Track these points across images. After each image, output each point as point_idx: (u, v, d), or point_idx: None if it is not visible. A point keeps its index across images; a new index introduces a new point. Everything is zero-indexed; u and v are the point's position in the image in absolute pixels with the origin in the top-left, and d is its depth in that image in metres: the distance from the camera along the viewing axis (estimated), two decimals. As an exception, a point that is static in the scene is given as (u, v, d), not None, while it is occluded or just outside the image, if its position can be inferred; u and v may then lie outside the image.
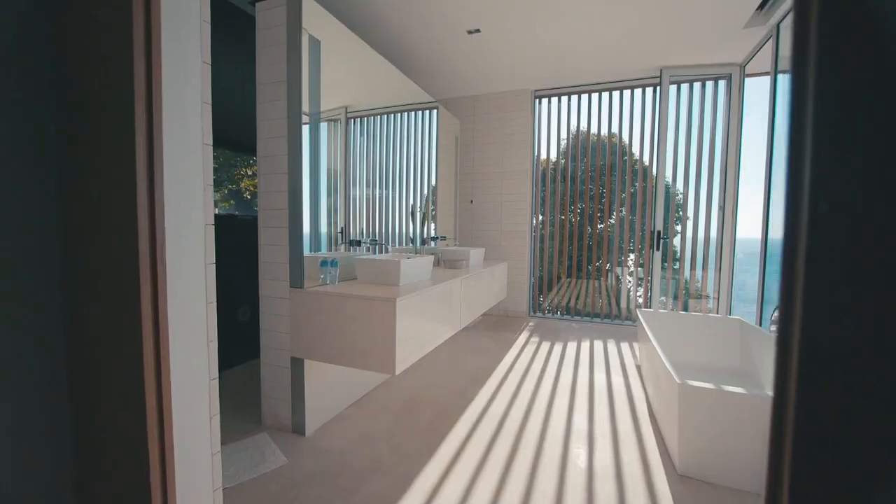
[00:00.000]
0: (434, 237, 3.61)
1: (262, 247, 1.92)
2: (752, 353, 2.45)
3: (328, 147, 2.16)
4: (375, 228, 2.75)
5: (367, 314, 1.70)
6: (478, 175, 4.48)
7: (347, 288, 1.89)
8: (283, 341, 1.89)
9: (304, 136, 1.87)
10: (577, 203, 4.58)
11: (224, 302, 2.68)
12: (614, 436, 1.91)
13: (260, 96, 1.89)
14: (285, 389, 1.90)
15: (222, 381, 2.51)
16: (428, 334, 2.03)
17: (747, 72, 3.42)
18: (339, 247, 2.28)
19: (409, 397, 2.32)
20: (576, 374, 2.68)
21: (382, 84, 2.74)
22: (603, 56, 3.36)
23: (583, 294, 4.56)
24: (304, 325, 1.83)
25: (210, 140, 0.95)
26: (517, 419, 2.07)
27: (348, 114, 2.36)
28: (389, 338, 1.66)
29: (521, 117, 4.24)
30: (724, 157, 3.59)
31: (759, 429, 1.41)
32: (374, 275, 2.06)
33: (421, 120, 3.44)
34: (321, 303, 1.79)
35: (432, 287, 2.07)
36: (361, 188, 2.53)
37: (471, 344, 3.39)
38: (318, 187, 2.07)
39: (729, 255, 3.52)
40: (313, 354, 1.82)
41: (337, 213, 2.26)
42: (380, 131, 2.75)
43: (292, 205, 1.83)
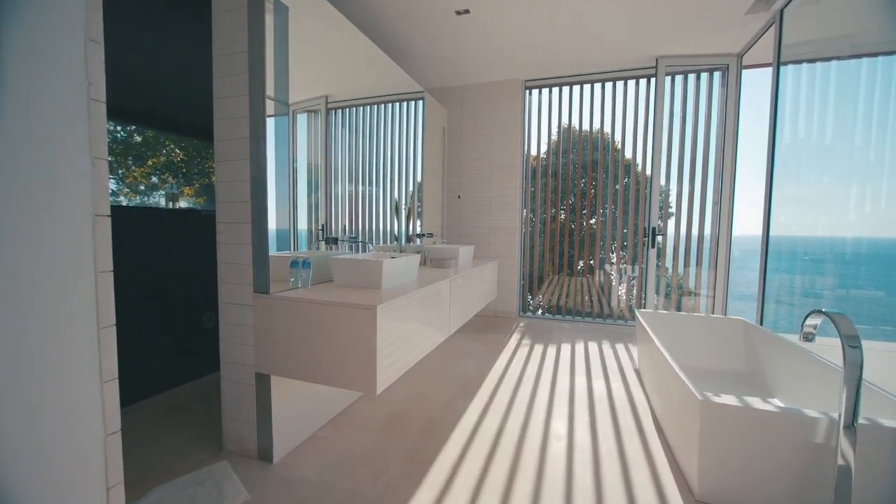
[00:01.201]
0: (420, 234, 3.38)
1: (220, 245, 1.66)
2: (758, 355, 2.31)
3: (307, 140, 1.96)
4: (358, 225, 2.53)
5: (344, 323, 1.47)
6: (466, 169, 4.26)
7: (321, 293, 1.65)
8: (247, 355, 1.64)
9: (269, 118, 1.63)
10: (567, 199, 4.42)
11: (187, 307, 2.41)
12: (621, 454, 1.72)
13: (217, 70, 1.62)
14: (249, 410, 1.65)
15: (183, 395, 2.23)
16: (414, 344, 1.80)
17: (744, 63, 3.29)
18: (317, 245, 2.03)
19: (392, 411, 2.09)
20: (573, 381, 2.50)
21: (365, 70, 2.50)
22: (597, 43, 3.18)
23: (573, 293, 4.41)
24: (270, 336, 1.59)
25: (103, 95, 0.69)
26: (514, 435, 1.87)
27: (329, 104, 2.15)
28: (369, 351, 1.43)
29: (512, 108, 4.04)
30: (719, 151, 3.47)
31: (794, 450, 1.24)
32: (353, 277, 1.82)
33: (406, 111, 3.22)
34: (290, 310, 1.54)
35: (419, 290, 1.84)
36: (344, 183, 2.32)
37: (459, 348, 3.18)
38: (296, 182, 1.86)
39: (725, 251, 3.41)
40: (281, 370, 1.58)
41: (318, 210, 2.07)
42: (363, 123, 2.54)
43: (256, 197, 1.57)
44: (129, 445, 1.80)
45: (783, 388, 2.05)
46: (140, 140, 2.65)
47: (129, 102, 2.29)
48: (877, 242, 3.04)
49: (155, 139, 2.71)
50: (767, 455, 1.27)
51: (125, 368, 2.16)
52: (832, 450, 1.20)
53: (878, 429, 1.16)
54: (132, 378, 2.12)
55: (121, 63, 2.11)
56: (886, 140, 2.67)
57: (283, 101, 1.71)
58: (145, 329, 2.18)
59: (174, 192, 2.62)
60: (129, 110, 2.33)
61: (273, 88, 1.63)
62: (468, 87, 4.18)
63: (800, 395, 1.92)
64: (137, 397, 2.16)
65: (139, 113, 2.39)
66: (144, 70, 2.25)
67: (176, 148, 2.85)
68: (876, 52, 2.63)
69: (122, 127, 2.53)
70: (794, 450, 1.24)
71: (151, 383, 2.23)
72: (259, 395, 1.63)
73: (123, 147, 2.57)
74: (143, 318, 2.17)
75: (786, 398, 2.00)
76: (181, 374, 2.38)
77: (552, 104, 4.15)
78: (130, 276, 2.11)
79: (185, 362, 2.39)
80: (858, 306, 3.70)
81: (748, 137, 3.42)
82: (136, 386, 2.15)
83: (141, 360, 2.16)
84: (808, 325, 1.27)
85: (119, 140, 2.59)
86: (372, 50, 2.53)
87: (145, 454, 1.70)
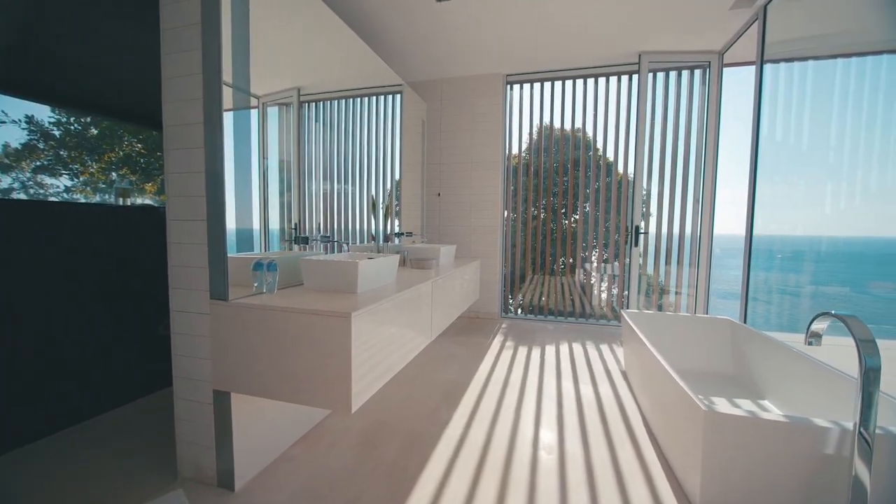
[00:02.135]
0: (399, 233, 3.22)
1: (171, 246, 1.46)
2: (745, 356, 2.28)
3: (279, 134, 1.82)
4: (334, 224, 2.37)
5: (314, 333, 1.30)
6: (446, 166, 4.12)
7: (289, 298, 1.48)
8: (203, 370, 1.44)
9: (239, 111, 1.45)
10: (549, 197, 4.35)
11: (141, 313, 2.16)
12: (615, 465, 1.63)
13: (165, 46, 1.42)
14: (207, 431, 1.46)
15: (134, 412, 2.00)
16: (394, 353, 1.65)
17: (725, 61, 3.29)
18: (286, 245, 1.85)
19: (370, 424, 1.93)
20: (560, 386, 2.41)
21: (339, 59, 2.34)
22: (580, 36, 3.10)
23: (556, 293, 4.34)
24: (230, 349, 1.40)
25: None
26: (502, 447, 1.74)
27: (301, 97, 2.00)
28: (343, 364, 1.27)
29: (493, 104, 3.93)
30: (700, 149, 3.46)
31: (802, 461, 1.16)
32: (326, 280, 1.65)
33: (384, 105, 3.06)
34: (252, 318, 1.36)
35: (399, 293, 1.69)
36: (318, 180, 2.16)
37: (441, 352, 3.04)
38: (268, 178, 1.71)
39: (707, 250, 3.40)
40: (242, 386, 1.39)
41: (291, 209, 1.93)
42: (338, 117, 2.39)
43: (212, 190, 1.38)
44: (71, 471, 1.58)
45: (773, 389, 2.01)
46: (96, 133, 2.40)
47: (72, 88, 2.04)
48: (840, 240, 3.17)
49: (111, 130, 2.45)
50: (773, 466, 1.19)
51: (68, 383, 1.93)
52: (842, 460, 1.12)
53: (890, 438, 1.09)
54: (76, 394, 1.87)
55: (59, 42, 1.86)
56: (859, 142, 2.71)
57: (243, 89, 1.53)
58: (92, 339, 1.94)
59: (125, 188, 2.37)
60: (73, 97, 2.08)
61: (231, 74, 1.44)
62: (448, 81, 4.04)
63: (791, 396, 1.88)
64: (83, 416, 1.92)
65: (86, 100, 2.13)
66: (90, 51, 2.00)
67: (134, 140, 2.60)
68: (856, 52, 2.65)
69: (76, 118, 2.27)
70: (802, 461, 1.16)
71: (99, 399, 1.99)
72: (217, 414, 1.44)
73: (77, 140, 2.31)
74: (90, 326, 1.93)
75: (777, 400, 1.96)
76: (133, 389, 2.14)
77: (534, 100, 4.07)
78: (75, 280, 1.86)
79: (137, 375, 2.15)
80: (827, 302, 3.83)
81: (725, 136, 3.43)
82: (81, 403, 1.91)
83: (87, 373, 1.92)
84: (815, 328, 1.20)
85: (73, 133, 2.32)
86: (346, 34, 2.35)
87: (90, 482, 1.48)
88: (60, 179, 2.19)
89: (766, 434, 1.18)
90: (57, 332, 1.81)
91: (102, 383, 1.99)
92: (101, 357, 1.98)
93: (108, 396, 2.02)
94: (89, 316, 1.93)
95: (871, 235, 3.02)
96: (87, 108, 2.20)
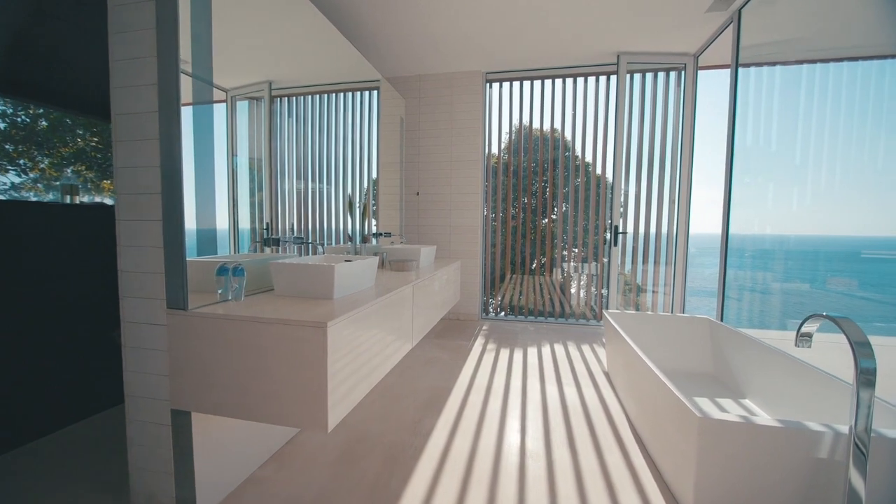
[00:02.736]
0: (377, 234, 3.10)
1: (121, 249, 1.30)
2: (724, 355, 2.30)
3: (249, 130, 1.71)
4: (308, 225, 2.25)
5: (285, 345, 1.18)
6: (425, 164, 4.02)
7: (257, 306, 1.35)
8: (159, 387, 1.29)
9: (205, 105, 1.31)
10: (529, 196, 4.33)
11: (91, 322, 1.96)
12: (604, 472, 1.58)
13: (113, 25, 1.26)
14: (164, 456, 1.31)
15: (84, 433, 1.80)
16: (373, 363, 1.54)
17: (701, 64, 3.34)
18: (255, 247, 1.70)
19: (349, 437, 1.81)
20: (544, 389, 2.36)
21: (313, 51, 2.21)
22: (559, 34, 3.07)
23: (536, 293, 4.32)
24: (190, 364, 1.26)
25: None
26: (488, 457, 1.67)
27: (273, 91, 1.88)
28: (318, 378, 1.16)
29: (472, 101, 3.86)
30: (675, 150, 3.51)
31: (798, 466, 1.14)
32: (299, 285, 1.53)
33: (360, 101, 2.94)
34: (215, 329, 1.23)
35: (379, 298, 1.58)
36: (291, 178, 2.04)
37: (422, 356, 2.94)
38: (237, 176, 1.61)
39: (683, 249, 3.45)
40: (204, 405, 1.26)
41: (263, 209, 1.81)
42: (311, 113, 2.28)
43: (168, 187, 1.24)
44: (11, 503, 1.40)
45: (753, 388, 2.03)
46: (46, 126, 2.17)
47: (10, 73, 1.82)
48: (802, 239, 3.34)
49: (60, 122, 2.22)
50: (769, 472, 1.17)
51: (8, 402, 1.71)
52: (838, 464, 1.11)
53: (886, 441, 1.08)
54: (19, 414, 1.67)
55: None
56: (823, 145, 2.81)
57: (205, 78, 1.39)
58: (36, 351, 1.73)
59: (73, 185, 2.15)
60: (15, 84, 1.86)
61: (191, 58, 1.30)
62: (426, 77, 3.94)
63: (771, 395, 1.90)
64: (25, 438, 1.71)
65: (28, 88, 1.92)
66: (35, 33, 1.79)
67: (88, 134, 2.37)
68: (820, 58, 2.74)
69: (24, 109, 2.04)
70: (798, 466, 1.14)
71: (44, 419, 1.78)
72: (176, 436, 1.29)
73: (26, 133, 2.08)
74: (33, 337, 1.72)
75: (758, 398, 1.98)
76: (83, 407, 1.94)
77: (513, 99, 4.03)
78: (16, 285, 1.65)
79: (88, 391, 1.95)
80: (791, 299, 3.99)
81: (701, 138, 3.49)
82: (24, 424, 1.70)
83: (30, 389, 1.71)
84: (806, 330, 1.18)
85: (20, 125, 2.08)
86: (320, 23, 2.22)
87: (18, 523, 1.30)
88: (7, 176, 1.98)
89: (762, 440, 1.15)
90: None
91: (48, 401, 1.78)
92: (46, 372, 1.78)
93: (54, 415, 1.81)
94: (34, 325, 1.73)
95: (829, 234, 3.21)
96: (31, 97, 1.98)
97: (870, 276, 4.24)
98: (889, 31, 2.41)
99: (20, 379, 1.70)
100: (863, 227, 3.13)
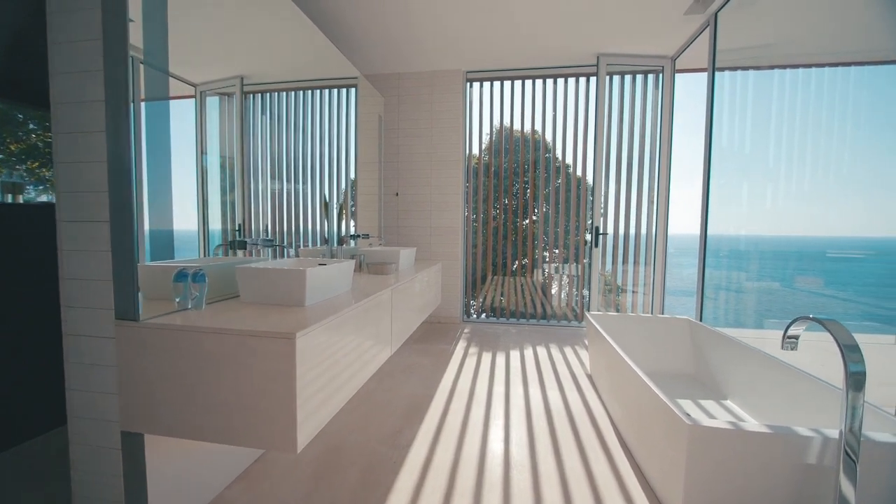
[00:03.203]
0: (355, 236, 2.99)
1: (62, 254, 1.16)
2: (705, 356, 2.30)
3: (220, 127, 1.62)
4: (284, 226, 2.15)
5: (250, 358, 1.08)
6: (405, 164, 3.93)
7: (219, 315, 1.24)
8: (107, 407, 1.16)
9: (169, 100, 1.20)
10: (510, 197, 4.29)
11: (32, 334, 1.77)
12: (590, 479, 1.53)
13: (51, 2, 1.13)
14: (114, 483, 1.18)
15: (25, 457, 1.63)
16: (349, 373, 1.45)
17: (679, 67, 3.38)
18: (219, 251, 1.58)
19: (323, 452, 1.71)
20: (527, 395, 2.31)
21: (287, 45, 2.11)
22: (540, 34, 3.04)
23: (517, 295, 4.29)
24: (142, 381, 1.14)
25: None
26: (471, 469, 1.59)
27: (245, 87, 1.78)
28: (286, 395, 1.06)
29: (453, 100, 3.80)
30: (654, 152, 3.54)
31: (788, 472, 1.12)
32: (267, 292, 1.42)
33: (337, 99, 2.84)
34: (171, 342, 1.11)
35: (356, 304, 1.49)
36: (266, 179, 1.95)
37: (401, 362, 2.85)
38: (207, 175, 1.53)
39: (662, 249, 3.48)
40: (159, 426, 1.14)
41: (235, 210, 1.72)
42: (286, 111, 2.19)
43: (117, 184, 1.11)
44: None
45: (734, 389, 2.03)
46: None
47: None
48: (774, 239, 3.45)
49: (6, 115, 2.03)
50: (759, 479, 1.14)
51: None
52: (828, 469, 1.09)
53: (876, 446, 1.07)
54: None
55: None
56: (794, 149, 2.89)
57: (160, 67, 1.27)
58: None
59: (15, 182, 1.96)
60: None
61: (142, 41, 1.18)
62: (406, 76, 3.86)
63: (752, 396, 1.90)
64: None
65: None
66: None
67: (40, 130, 2.18)
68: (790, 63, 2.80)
69: None
70: (789, 472, 1.12)
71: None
72: (128, 461, 1.17)
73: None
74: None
75: (739, 399, 1.98)
76: (24, 428, 1.76)
77: (494, 99, 3.99)
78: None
79: (29, 411, 1.77)
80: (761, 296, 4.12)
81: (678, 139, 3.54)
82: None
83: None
84: (792, 333, 1.16)
85: None
86: (293, 14, 2.11)
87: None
88: None
89: (752, 446, 1.12)
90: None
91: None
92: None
93: None
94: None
95: (798, 235, 3.34)
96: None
97: (834, 275, 4.45)
98: (853, 40, 2.49)
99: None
100: (829, 228, 3.26)
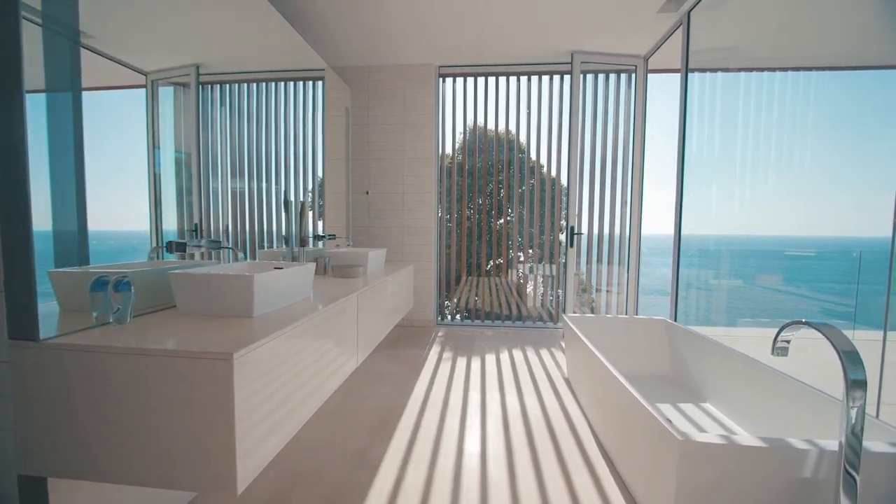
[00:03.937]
0: (321, 236, 2.80)
1: (-63, 260, 0.94)
2: (682, 357, 2.27)
3: (175, 120, 1.48)
4: (246, 226, 1.98)
5: (179, 384, 0.90)
6: (375, 161, 3.75)
7: (146, 331, 1.04)
8: (1, 446, 0.95)
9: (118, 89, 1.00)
10: (484, 197, 4.20)
11: None
12: (573, 496, 1.43)
13: (-80, -53, 0.91)
14: (9, 539, 0.97)
15: None
16: (305, 392, 1.28)
17: (651, 67, 3.38)
18: (156, 254, 1.38)
19: (279, 478, 1.53)
20: (504, 402, 2.20)
21: (246, 31, 1.93)
22: (513, 28, 2.95)
23: (492, 296, 4.20)
24: (46, 413, 0.93)
25: None
26: (446, 491, 1.46)
27: (200, 76, 1.61)
28: (223, 427, 0.89)
29: (425, 96, 3.66)
30: (627, 152, 3.53)
31: (784, 485, 1.04)
32: (208, 301, 1.23)
33: (303, 92, 2.65)
34: (80, 366, 0.92)
35: (313, 314, 1.32)
36: (225, 176, 1.77)
37: (371, 370, 2.68)
38: (160, 172, 1.39)
39: (636, 250, 3.48)
40: (67, 468, 0.94)
41: (192, 209, 1.58)
42: (248, 103, 2.02)
43: (6, 179, 0.91)
44: None
45: (712, 390, 2.00)
46: None
47: None
48: (739, 239, 3.58)
49: None
50: (753, 494, 1.06)
51: None
52: (825, 483, 1.02)
53: (870, 455, 1.01)
54: None
55: None
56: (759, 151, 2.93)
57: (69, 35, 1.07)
58: None
59: None
60: None
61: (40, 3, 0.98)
62: (376, 69, 3.68)
63: (730, 398, 1.87)
64: None
65: None
66: None
67: None
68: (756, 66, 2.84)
69: None
70: (785, 486, 1.05)
71: None
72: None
73: None
74: None
75: (717, 402, 1.95)
76: None
77: (467, 95, 3.88)
78: None
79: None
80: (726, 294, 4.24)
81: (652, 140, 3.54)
82: None
83: None
84: (784, 338, 1.10)
85: None
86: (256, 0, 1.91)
87: None
88: None
89: (747, 462, 1.05)
90: None
91: None
92: None
93: None
94: None
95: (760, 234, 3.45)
96: None
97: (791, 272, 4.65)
98: (819, 46, 2.52)
99: None
100: (787, 227, 3.36)
